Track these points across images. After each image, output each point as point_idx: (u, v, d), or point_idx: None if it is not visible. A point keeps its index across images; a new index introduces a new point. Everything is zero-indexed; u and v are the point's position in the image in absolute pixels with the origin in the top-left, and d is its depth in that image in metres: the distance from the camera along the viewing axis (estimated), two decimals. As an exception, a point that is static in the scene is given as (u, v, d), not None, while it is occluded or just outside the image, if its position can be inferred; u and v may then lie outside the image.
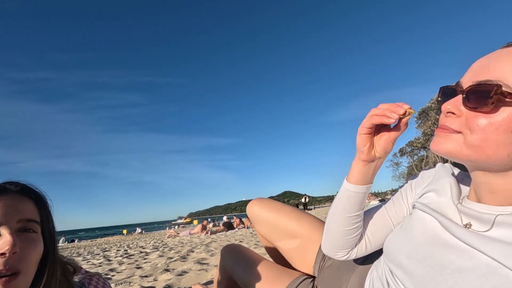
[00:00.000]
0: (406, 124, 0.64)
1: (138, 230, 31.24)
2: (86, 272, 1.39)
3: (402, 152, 24.42)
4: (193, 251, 4.31)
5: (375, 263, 0.80)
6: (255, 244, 4.38)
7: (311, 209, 25.44)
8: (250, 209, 1.21)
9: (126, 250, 6.06)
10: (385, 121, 0.61)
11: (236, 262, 1.08)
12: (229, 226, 10.41)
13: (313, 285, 0.97)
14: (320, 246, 1.04)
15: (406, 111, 0.60)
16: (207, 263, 3.02)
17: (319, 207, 38.86)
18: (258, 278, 0.98)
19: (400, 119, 0.62)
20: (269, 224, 1.14)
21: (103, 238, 23.70)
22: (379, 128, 0.67)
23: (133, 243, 9.96)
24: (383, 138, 0.66)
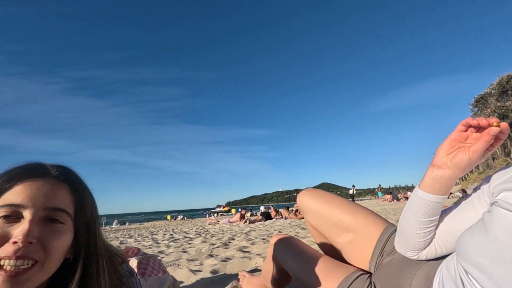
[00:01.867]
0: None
1: (180, 217, 33.13)
2: (144, 253, 1.51)
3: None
4: (233, 239, 4.43)
5: (444, 261, 0.74)
6: (294, 235, 4.36)
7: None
8: (300, 199, 1.18)
9: (171, 235, 6.46)
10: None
11: (288, 253, 1.07)
12: (267, 216, 10.50)
13: (370, 281, 0.92)
14: (377, 242, 0.98)
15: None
16: (248, 251, 3.08)
17: (359, 200, 37.51)
18: (311, 270, 0.95)
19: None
20: (320, 215, 1.11)
21: (150, 222, 25.46)
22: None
23: (177, 228, 10.60)
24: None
